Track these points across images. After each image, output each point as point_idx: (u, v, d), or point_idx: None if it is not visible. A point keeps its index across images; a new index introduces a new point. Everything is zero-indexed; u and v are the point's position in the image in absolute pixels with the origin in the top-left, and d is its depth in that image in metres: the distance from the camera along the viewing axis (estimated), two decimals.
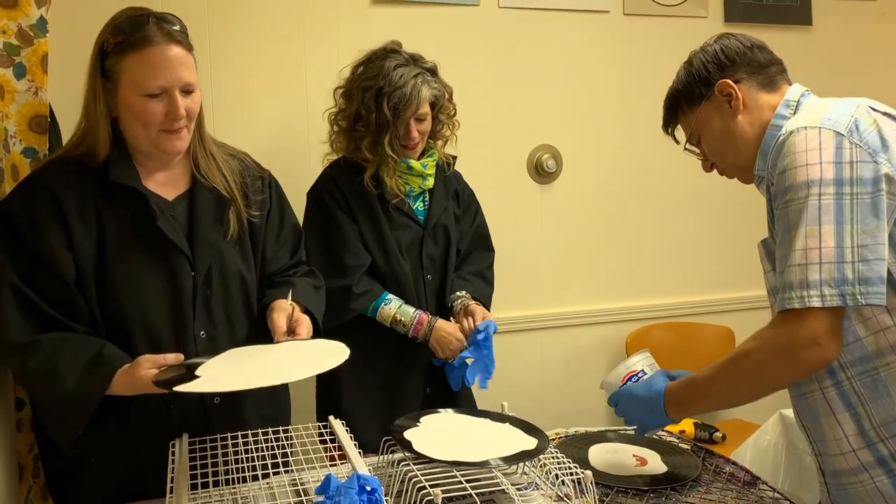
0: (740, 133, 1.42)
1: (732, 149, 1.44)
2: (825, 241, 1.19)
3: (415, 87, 1.90)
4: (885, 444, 1.24)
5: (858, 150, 1.22)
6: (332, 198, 1.98)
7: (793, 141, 1.25)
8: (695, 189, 2.85)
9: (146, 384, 1.31)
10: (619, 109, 2.75)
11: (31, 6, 1.59)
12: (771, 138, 1.36)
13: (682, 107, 1.48)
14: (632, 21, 2.77)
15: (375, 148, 1.94)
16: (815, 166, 1.21)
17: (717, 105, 1.43)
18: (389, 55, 1.94)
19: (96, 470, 1.47)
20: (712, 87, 1.42)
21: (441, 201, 2.07)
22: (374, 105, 1.91)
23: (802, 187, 1.21)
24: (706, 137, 1.47)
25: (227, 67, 2.34)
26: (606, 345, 2.89)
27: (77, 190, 1.44)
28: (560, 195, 2.78)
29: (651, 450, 1.62)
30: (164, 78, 1.41)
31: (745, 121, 1.42)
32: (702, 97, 1.44)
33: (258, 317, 1.62)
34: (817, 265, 1.18)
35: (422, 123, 1.97)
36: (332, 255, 1.94)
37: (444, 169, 2.11)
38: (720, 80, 1.42)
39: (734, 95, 1.41)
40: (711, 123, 1.44)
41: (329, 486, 1.10)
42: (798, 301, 1.18)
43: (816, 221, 1.19)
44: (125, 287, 1.44)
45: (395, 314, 1.95)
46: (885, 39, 3.10)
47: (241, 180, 1.61)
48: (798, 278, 1.19)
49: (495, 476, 1.28)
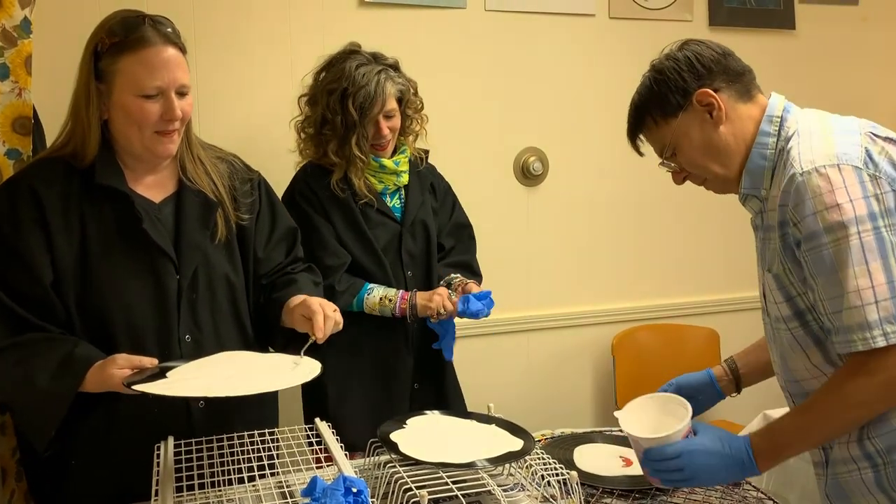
0: (724, 145, 1.38)
1: (717, 161, 1.40)
2: (876, 278, 1.20)
3: (378, 83, 1.90)
4: (871, 441, 1.28)
5: (879, 181, 1.24)
6: (305, 200, 1.98)
7: (815, 183, 1.24)
8: (680, 192, 2.85)
9: (116, 383, 1.31)
10: (604, 112, 2.76)
11: (15, 7, 1.58)
12: (759, 157, 1.36)
13: (654, 117, 1.42)
14: (617, 24, 2.78)
15: (342, 150, 1.93)
16: (847, 205, 1.21)
17: (695, 115, 1.38)
18: (349, 56, 1.95)
19: (80, 473, 1.46)
20: (690, 97, 1.37)
21: (417, 197, 2.07)
22: (339, 107, 1.91)
23: (839, 228, 1.21)
24: (684, 149, 1.41)
25: (213, 69, 2.33)
26: (592, 346, 2.90)
27: (61, 191, 1.44)
28: (546, 198, 2.78)
29: None
30: (161, 78, 1.41)
31: (727, 132, 1.38)
32: (678, 107, 1.38)
33: (254, 318, 1.63)
34: (874, 305, 1.20)
35: (391, 120, 1.97)
36: (311, 257, 1.94)
37: (418, 164, 2.10)
38: (698, 89, 1.37)
39: (716, 105, 1.36)
40: (690, 135, 1.39)
41: (315, 488, 1.10)
42: (862, 343, 1.20)
43: (863, 261, 1.20)
44: (109, 290, 1.43)
45: (381, 295, 1.95)
46: (868, 43, 3.13)
47: (230, 183, 1.60)
48: (857, 321, 1.20)
49: (481, 477, 1.28)
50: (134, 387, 1.26)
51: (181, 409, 1.49)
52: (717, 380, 1.57)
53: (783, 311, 1.34)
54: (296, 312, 1.51)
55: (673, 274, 2.99)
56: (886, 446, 1.27)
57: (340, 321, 1.49)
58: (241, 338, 1.59)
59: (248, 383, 1.30)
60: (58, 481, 1.48)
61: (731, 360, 1.60)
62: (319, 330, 1.44)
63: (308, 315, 1.47)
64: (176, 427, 1.45)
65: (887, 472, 1.27)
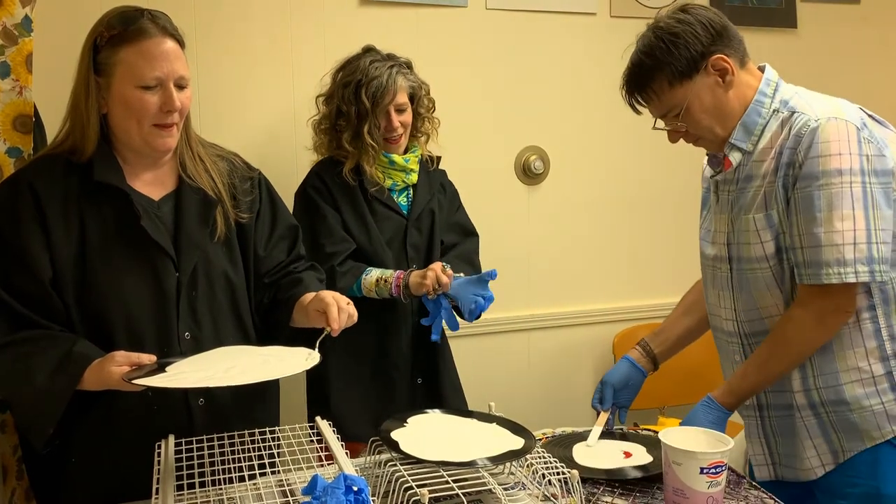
0: (729, 109, 1.48)
1: (720, 124, 1.48)
2: (858, 223, 1.36)
3: (390, 76, 1.99)
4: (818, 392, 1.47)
5: (871, 145, 1.39)
6: (316, 191, 2.04)
7: (826, 130, 1.38)
8: (682, 189, 2.86)
9: (116, 380, 1.31)
10: (606, 110, 2.75)
11: (16, 5, 1.58)
12: (755, 114, 1.47)
13: (669, 79, 1.46)
14: (618, 23, 2.77)
15: (356, 140, 2.00)
16: (847, 156, 1.37)
17: (708, 79, 1.45)
18: (365, 54, 2.04)
19: (80, 471, 1.46)
20: (706, 60, 1.44)
21: (425, 194, 2.12)
22: (353, 98, 1.99)
23: (836, 174, 1.36)
24: (693, 111, 1.47)
25: (214, 68, 2.33)
26: (594, 345, 2.90)
27: (61, 188, 1.44)
28: (547, 196, 2.78)
29: (637, 444, 1.63)
30: (161, 69, 1.42)
31: (733, 96, 1.47)
32: (695, 70, 1.45)
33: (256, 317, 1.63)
34: (852, 245, 1.36)
35: (402, 115, 2.03)
36: (316, 245, 1.97)
37: (428, 166, 2.16)
38: (714, 54, 1.44)
39: (729, 70, 1.44)
40: (701, 97, 1.46)
41: (316, 486, 1.10)
42: (836, 277, 1.37)
43: (850, 206, 1.36)
44: (108, 287, 1.43)
45: (377, 276, 1.97)
46: (869, 42, 3.12)
47: (229, 181, 1.60)
48: (835, 256, 1.37)
49: (482, 476, 1.28)
50: (133, 381, 1.26)
51: (181, 406, 1.49)
52: (636, 362, 1.76)
53: (768, 249, 1.46)
54: (310, 308, 1.52)
55: (675, 272, 2.97)
56: (831, 399, 1.45)
57: (355, 314, 1.50)
58: (242, 335, 1.58)
59: (247, 374, 1.29)
60: (58, 479, 1.48)
61: (644, 342, 1.80)
62: (335, 321, 1.45)
63: (322, 308, 1.47)
64: (176, 425, 1.45)
65: (830, 420, 1.46)
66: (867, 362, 1.44)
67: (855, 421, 1.45)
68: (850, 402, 1.45)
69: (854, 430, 1.45)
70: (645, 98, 1.52)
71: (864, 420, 1.45)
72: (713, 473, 1.29)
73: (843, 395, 1.45)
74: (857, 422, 1.45)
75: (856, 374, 1.45)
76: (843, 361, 1.45)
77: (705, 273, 1.67)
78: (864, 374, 1.44)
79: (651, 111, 1.55)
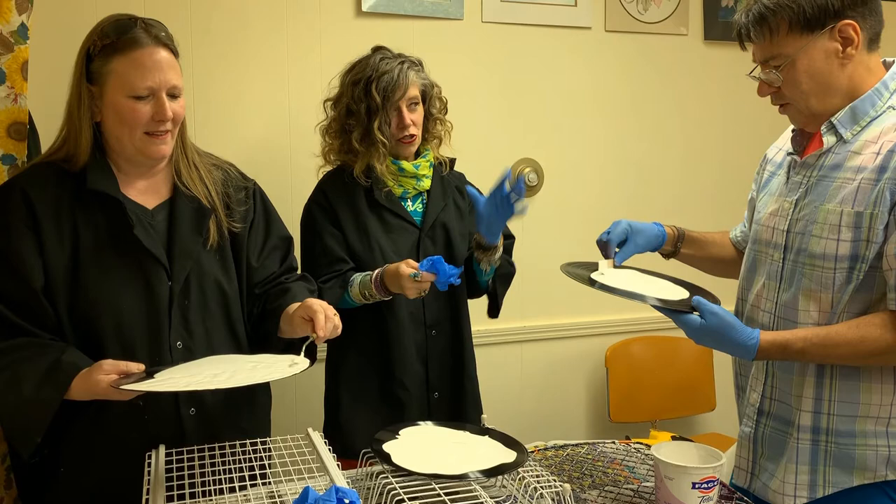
0: (837, 84, 1.36)
1: (819, 96, 1.37)
2: None
3: (402, 70, 1.93)
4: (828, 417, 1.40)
5: None
6: (319, 208, 1.97)
7: None
8: (675, 203, 2.88)
9: (104, 388, 1.30)
10: (600, 124, 2.78)
11: (12, 12, 1.58)
12: (869, 105, 1.36)
13: (791, 24, 1.33)
14: (613, 37, 2.79)
15: (367, 138, 1.93)
16: None
17: (828, 43, 1.33)
18: (374, 53, 1.98)
19: (68, 481, 1.45)
20: (837, 21, 1.31)
21: (438, 202, 2.04)
22: (363, 94, 1.92)
23: None
24: (796, 69, 1.35)
25: (209, 78, 2.34)
26: (586, 358, 2.90)
27: (54, 196, 1.44)
28: (541, 209, 2.79)
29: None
30: (153, 79, 1.41)
31: (847, 72, 1.35)
32: (820, 26, 1.31)
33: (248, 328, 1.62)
34: None
35: (414, 112, 1.96)
36: (313, 263, 1.93)
37: (441, 169, 2.08)
38: (847, 19, 1.31)
39: (855, 42, 1.32)
40: (813, 58, 1.34)
41: (307, 498, 1.10)
42: None
43: None
44: (100, 295, 1.43)
45: (359, 280, 1.88)
46: None
47: (224, 191, 1.60)
48: None
49: (474, 489, 1.27)
50: (121, 387, 1.26)
51: (172, 415, 1.48)
52: (661, 224, 1.71)
53: (842, 249, 1.34)
54: (296, 316, 1.50)
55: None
56: (838, 429, 1.39)
57: (339, 325, 1.48)
58: (234, 345, 1.58)
59: (235, 378, 1.29)
60: (47, 489, 1.47)
61: (681, 228, 1.72)
62: (321, 328, 1.43)
63: (309, 315, 1.46)
64: (166, 435, 1.44)
65: (826, 450, 1.40)
66: (890, 403, 1.38)
67: (853, 455, 1.39)
68: (857, 435, 1.39)
69: (848, 464, 1.40)
70: (757, 33, 1.38)
71: (864, 457, 1.39)
72: (705, 488, 1.29)
73: (852, 427, 1.39)
74: (855, 457, 1.39)
75: (875, 410, 1.38)
76: (866, 394, 1.38)
77: (749, 258, 1.57)
78: (882, 414, 1.38)
79: (755, 53, 1.42)
